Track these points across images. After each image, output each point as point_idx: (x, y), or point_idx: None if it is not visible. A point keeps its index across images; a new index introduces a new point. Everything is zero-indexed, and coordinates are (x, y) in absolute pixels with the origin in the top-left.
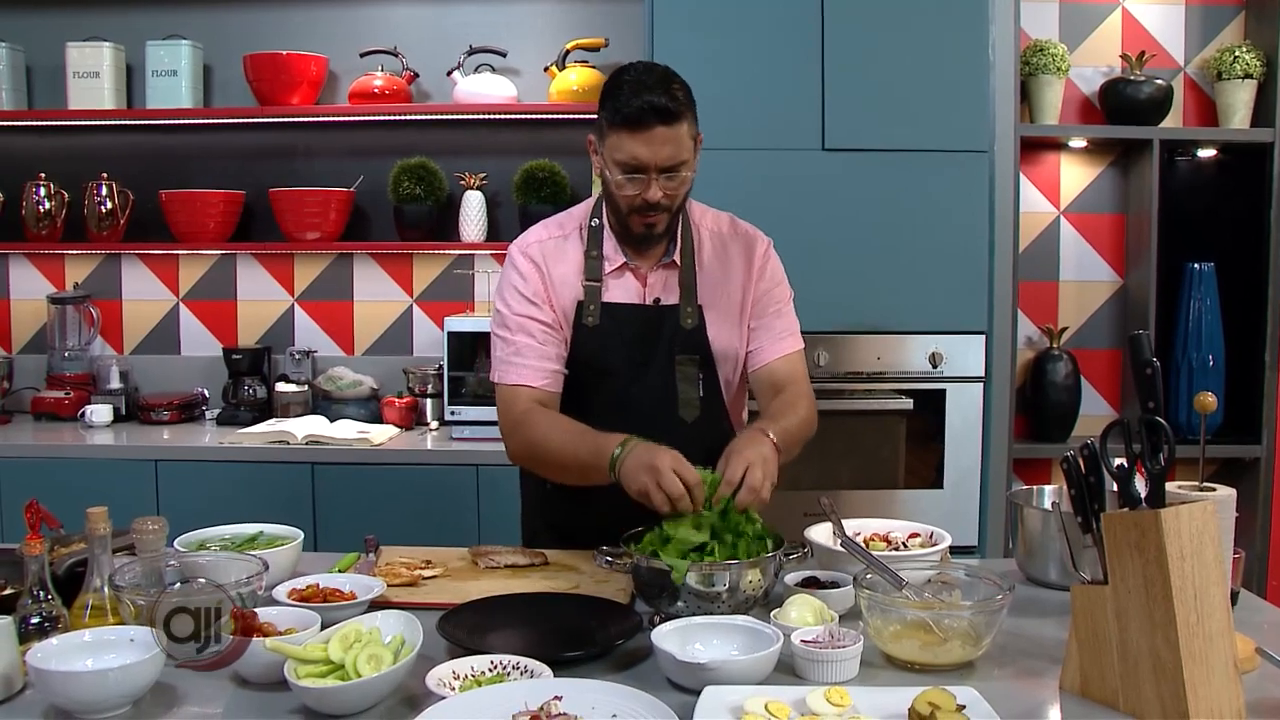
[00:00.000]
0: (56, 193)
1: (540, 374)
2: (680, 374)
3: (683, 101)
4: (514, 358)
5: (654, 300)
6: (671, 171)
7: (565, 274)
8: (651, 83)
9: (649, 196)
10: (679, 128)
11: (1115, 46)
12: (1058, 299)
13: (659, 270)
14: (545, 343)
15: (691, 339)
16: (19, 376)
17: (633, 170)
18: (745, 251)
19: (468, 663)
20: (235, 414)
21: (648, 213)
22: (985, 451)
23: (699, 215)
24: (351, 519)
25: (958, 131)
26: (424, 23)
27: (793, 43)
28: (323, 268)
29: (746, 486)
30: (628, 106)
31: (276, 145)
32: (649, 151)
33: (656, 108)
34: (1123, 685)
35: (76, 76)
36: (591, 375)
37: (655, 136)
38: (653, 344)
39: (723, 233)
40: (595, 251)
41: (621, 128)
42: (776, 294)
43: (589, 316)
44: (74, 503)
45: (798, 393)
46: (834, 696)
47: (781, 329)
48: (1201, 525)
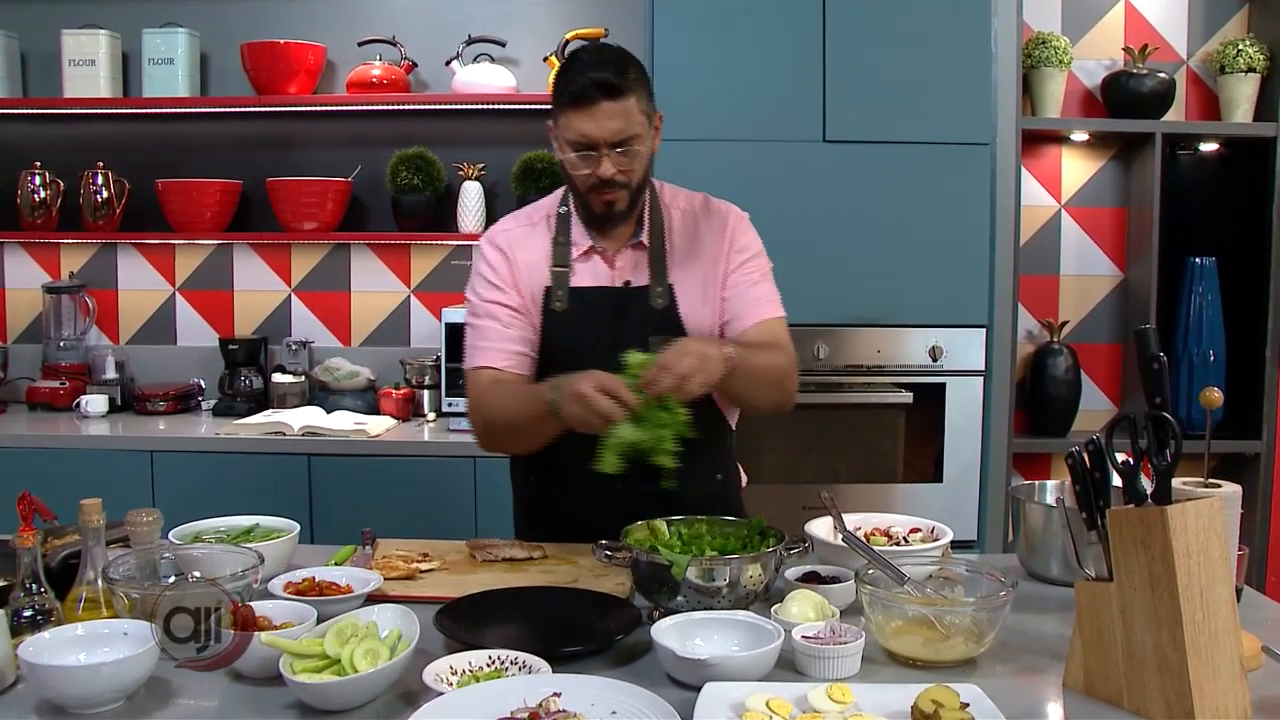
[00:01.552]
0: (52, 182)
1: (503, 355)
2: (656, 353)
3: (630, 77)
4: (479, 342)
5: (624, 283)
6: (622, 146)
7: (532, 260)
8: (599, 61)
9: (601, 173)
10: (625, 102)
11: (1118, 39)
12: (1058, 293)
13: (627, 252)
14: (510, 325)
15: (663, 319)
16: (14, 366)
17: (584, 148)
18: (718, 226)
19: (465, 658)
20: (231, 405)
21: (604, 190)
22: (985, 446)
23: (670, 197)
24: (348, 511)
25: (959, 124)
26: (423, 12)
27: (794, 33)
28: (320, 258)
29: (665, 368)
30: (573, 84)
31: (274, 135)
32: (596, 126)
33: (600, 83)
34: (1127, 683)
35: (72, 64)
36: (565, 360)
37: (601, 111)
38: (624, 326)
39: (695, 210)
40: (563, 238)
41: (569, 106)
42: (751, 264)
43: (557, 302)
44: (68, 493)
45: (778, 348)
46: (836, 694)
47: (757, 296)
48: (1208, 522)
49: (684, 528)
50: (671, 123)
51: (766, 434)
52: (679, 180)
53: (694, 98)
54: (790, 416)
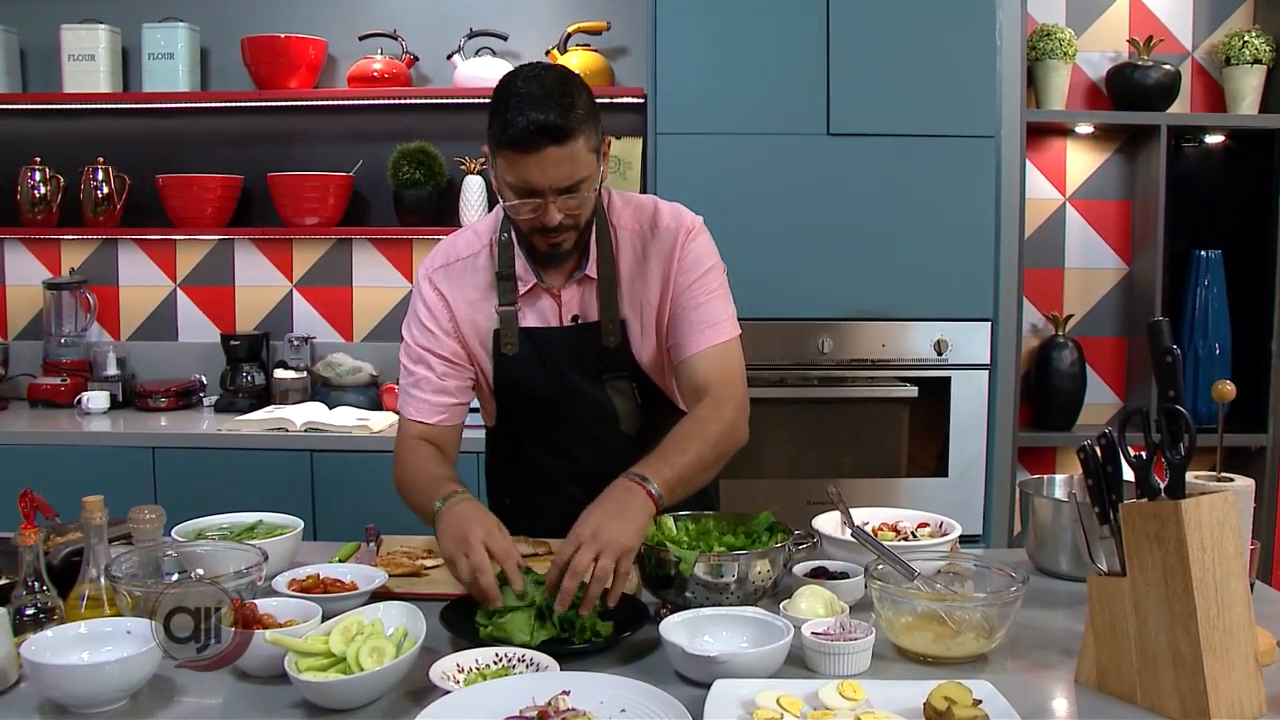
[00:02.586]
0: (52, 177)
1: (434, 409)
2: (612, 390)
3: (577, 115)
4: (412, 389)
5: (572, 319)
6: (570, 191)
7: (473, 301)
8: (541, 96)
9: (547, 221)
10: (573, 145)
11: (1123, 31)
12: (1063, 286)
13: (573, 286)
14: (444, 376)
15: (616, 357)
16: (15, 363)
17: (526, 194)
18: (666, 247)
19: (472, 655)
20: (233, 401)
21: (550, 234)
22: (990, 439)
23: (619, 213)
24: (351, 507)
25: (963, 117)
26: (424, 6)
27: (797, 26)
28: (321, 253)
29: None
30: (512, 126)
31: (275, 129)
32: (540, 175)
33: (545, 127)
34: (1141, 679)
35: (72, 59)
36: (523, 402)
37: (547, 158)
38: (577, 366)
39: (644, 231)
40: (507, 272)
41: (508, 150)
42: (699, 284)
43: (507, 345)
44: (70, 491)
45: (719, 399)
46: (847, 690)
47: (699, 320)
48: (1222, 516)
49: (691, 523)
50: (675, 116)
51: (770, 429)
52: (684, 175)
53: (697, 91)
54: (794, 411)
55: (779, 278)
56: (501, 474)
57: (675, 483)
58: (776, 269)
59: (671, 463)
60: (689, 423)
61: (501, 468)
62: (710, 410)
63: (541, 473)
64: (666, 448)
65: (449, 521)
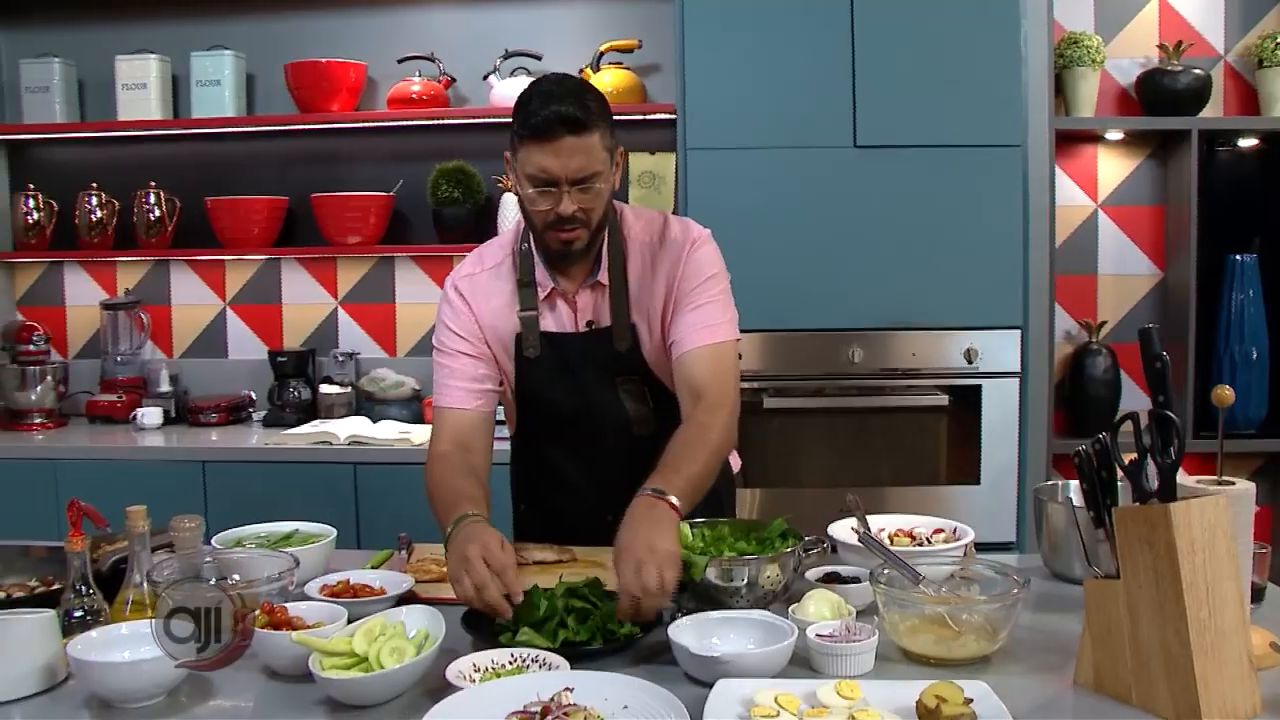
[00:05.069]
0: (107, 202)
1: (470, 394)
2: (625, 394)
3: (594, 112)
4: (447, 380)
5: (586, 324)
6: (584, 184)
7: (497, 308)
8: (561, 93)
9: (561, 210)
10: (589, 138)
11: (1152, 36)
12: (1096, 293)
13: (586, 292)
14: (475, 366)
15: (628, 361)
16: (75, 380)
17: (543, 184)
18: (672, 258)
19: (488, 656)
20: (281, 415)
21: (563, 227)
22: (1022, 447)
23: (630, 225)
24: (393, 517)
25: (990, 126)
26: (460, 28)
27: (823, 40)
28: (365, 271)
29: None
30: (535, 117)
31: (318, 151)
32: (558, 163)
33: (564, 117)
34: (1135, 679)
35: (125, 88)
36: (541, 405)
37: (564, 147)
38: (591, 369)
39: (652, 243)
40: (527, 278)
41: (530, 139)
42: (701, 289)
43: (529, 348)
44: (125, 502)
45: (715, 403)
46: (844, 690)
47: (697, 320)
48: (1214, 519)
49: (707, 530)
50: (704, 132)
51: (807, 438)
52: (714, 189)
53: (725, 107)
54: (831, 420)
55: (808, 289)
56: (522, 479)
57: (688, 492)
58: (805, 280)
59: (683, 473)
60: (693, 432)
61: (522, 473)
62: (709, 417)
63: (558, 475)
64: (676, 459)
65: (454, 545)
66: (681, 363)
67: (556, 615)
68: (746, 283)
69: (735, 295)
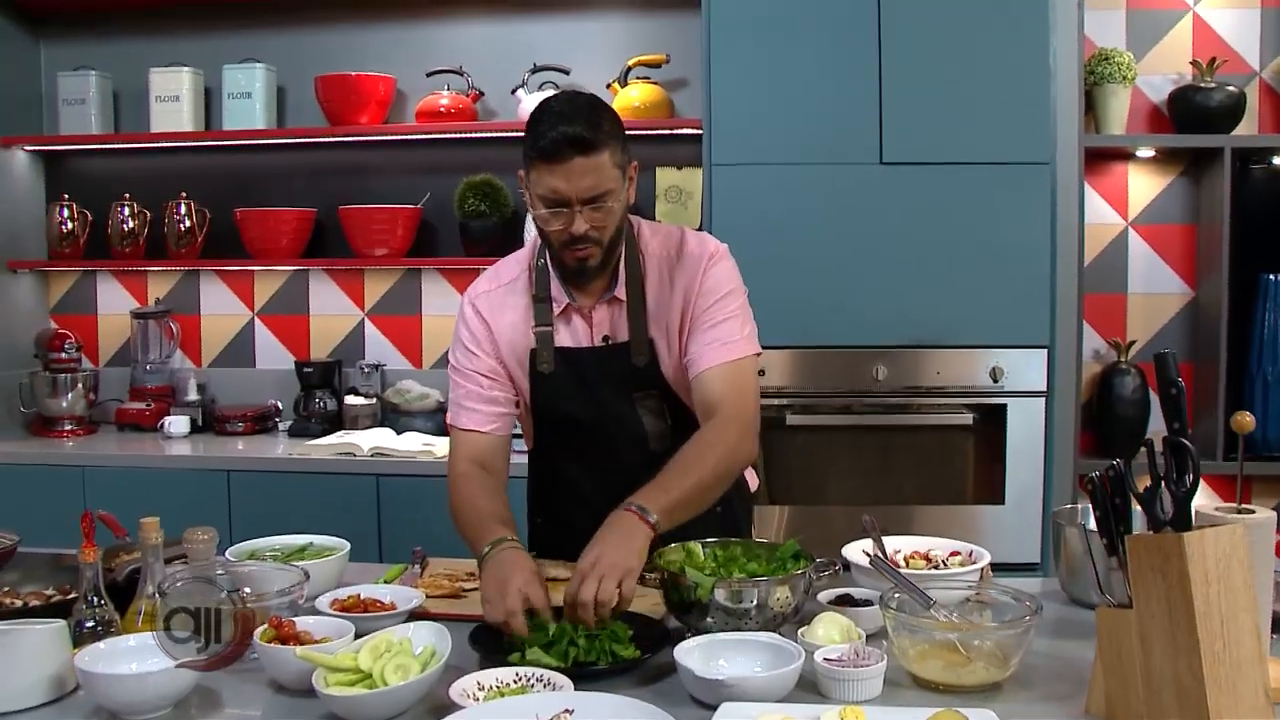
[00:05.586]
0: (139, 212)
1: (486, 418)
2: (643, 409)
3: (603, 130)
4: (464, 401)
5: (603, 339)
6: (595, 202)
7: (513, 322)
8: (570, 113)
9: (574, 230)
10: (598, 157)
11: (1185, 53)
12: (1126, 312)
13: (603, 307)
14: (490, 388)
15: (645, 376)
16: (104, 388)
17: (555, 204)
18: (690, 273)
19: (493, 674)
20: (306, 426)
21: (577, 246)
22: (1048, 467)
23: (646, 241)
24: (415, 530)
25: (1018, 143)
26: (489, 42)
27: (849, 55)
28: (392, 283)
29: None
30: (544, 139)
31: (346, 164)
32: (568, 184)
33: (572, 138)
34: (1148, 711)
35: (158, 100)
36: (557, 420)
37: (574, 168)
38: (608, 384)
39: (670, 257)
40: (543, 294)
41: (539, 161)
42: (717, 305)
43: (543, 364)
44: (149, 510)
45: (726, 419)
46: (849, 716)
47: (714, 338)
48: (1229, 549)
49: (719, 550)
50: (730, 148)
51: (832, 456)
52: (739, 205)
53: (751, 122)
54: (852, 438)
55: (833, 306)
56: (538, 494)
57: (673, 507)
58: (830, 297)
59: (669, 489)
60: (691, 448)
61: (538, 487)
62: (713, 434)
63: (574, 490)
64: (667, 474)
65: (492, 568)
66: (699, 381)
67: (566, 635)
68: (771, 298)
69: (760, 311)
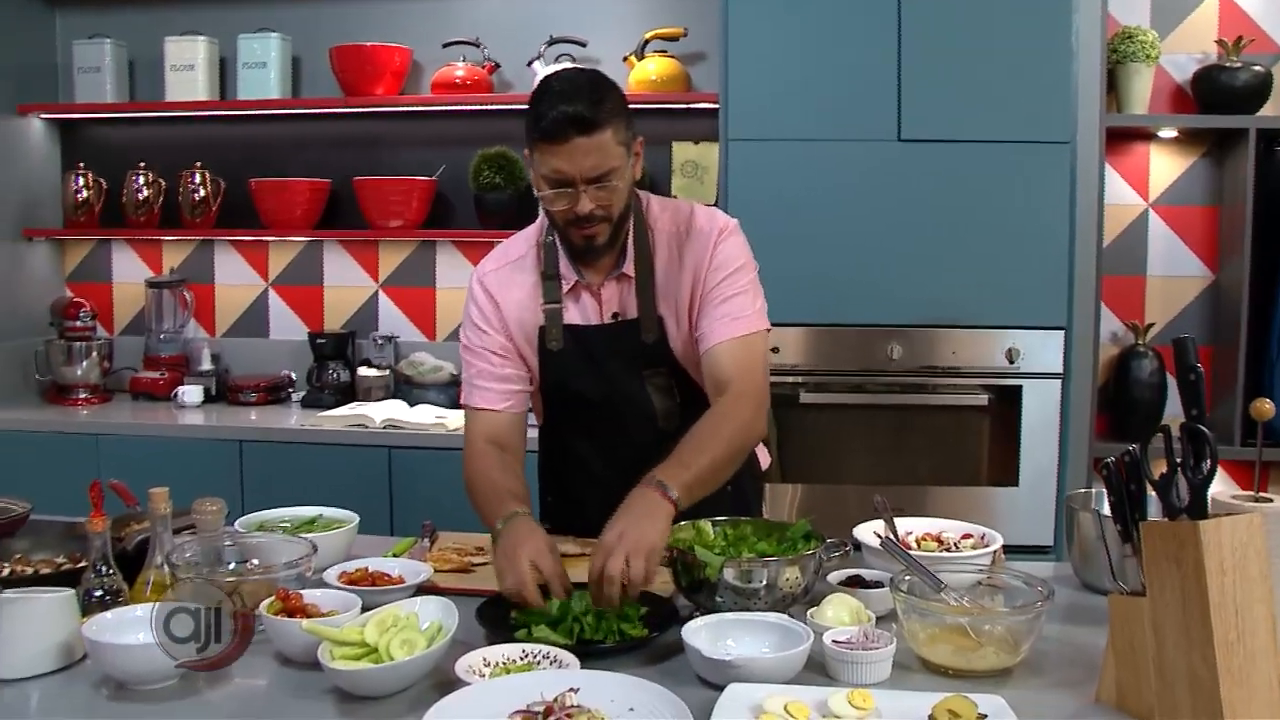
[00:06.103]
0: (154, 181)
1: (499, 395)
2: (651, 387)
3: (605, 108)
4: (477, 380)
5: (612, 316)
6: (599, 181)
7: (521, 300)
8: (571, 92)
9: (579, 210)
10: (600, 136)
11: (1211, 32)
12: (1145, 294)
13: (611, 284)
14: (502, 366)
15: (655, 353)
16: (119, 357)
17: (559, 184)
18: (699, 249)
19: (499, 650)
20: (319, 397)
21: (583, 225)
22: (1063, 450)
23: (655, 216)
24: (427, 502)
25: (1038, 122)
26: (505, 14)
27: (869, 31)
28: (406, 254)
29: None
30: (545, 119)
31: (361, 135)
32: (570, 164)
33: (573, 118)
34: (1159, 701)
35: (173, 69)
36: (567, 398)
37: (576, 148)
38: (617, 361)
39: (679, 233)
40: (551, 271)
41: (541, 141)
42: (727, 281)
43: (552, 341)
44: (162, 480)
45: (738, 394)
46: (856, 699)
47: (724, 312)
48: (1245, 538)
49: (729, 529)
50: (746, 123)
51: (846, 435)
52: (755, 181)
53: (768, 98)
54: (867, 417)
55: (848, 283)
56: (549, 471)
57: (693, 484)
58: (846, 275)
59: (689, 465)
60: (706, 423)
61: (549, 465)
62: (727, 408)
63: (584, 468)
64: (684, 450)
65: (505, 539)
66: (709, 357)
67: (572, 613)
68: (786, 275)
69: (774, 288)
